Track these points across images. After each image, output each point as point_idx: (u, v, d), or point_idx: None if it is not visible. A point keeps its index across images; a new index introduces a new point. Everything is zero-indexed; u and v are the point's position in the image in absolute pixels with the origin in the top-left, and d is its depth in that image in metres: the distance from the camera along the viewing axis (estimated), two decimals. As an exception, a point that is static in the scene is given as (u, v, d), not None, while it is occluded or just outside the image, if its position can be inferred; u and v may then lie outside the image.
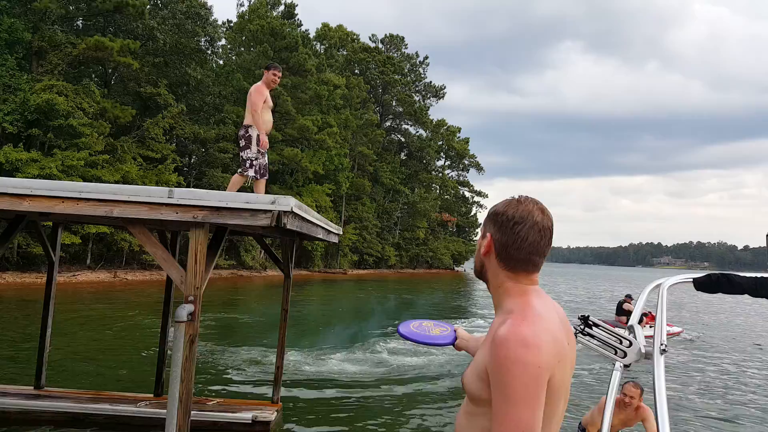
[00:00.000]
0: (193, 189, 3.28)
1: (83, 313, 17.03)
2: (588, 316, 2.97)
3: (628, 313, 15.17)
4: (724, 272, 3.06)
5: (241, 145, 4.79)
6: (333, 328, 16.31)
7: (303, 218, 3.60)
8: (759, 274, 3.00)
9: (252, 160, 4.74)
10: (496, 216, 1.43)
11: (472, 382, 1.35)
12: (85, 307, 18.78)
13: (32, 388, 6.71)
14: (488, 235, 1.44)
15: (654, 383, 2.47)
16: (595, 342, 2.96)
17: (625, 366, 3.09)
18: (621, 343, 2.92)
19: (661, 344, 2.61)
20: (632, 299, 16.04)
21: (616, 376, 3.18)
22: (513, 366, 1.24)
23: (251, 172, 4.73)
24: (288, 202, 3.13)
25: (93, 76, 34.29)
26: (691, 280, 3.04)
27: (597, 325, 2.94)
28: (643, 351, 2.84)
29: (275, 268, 43.58)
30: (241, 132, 4.85)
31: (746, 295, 3.00)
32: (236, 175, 4.78)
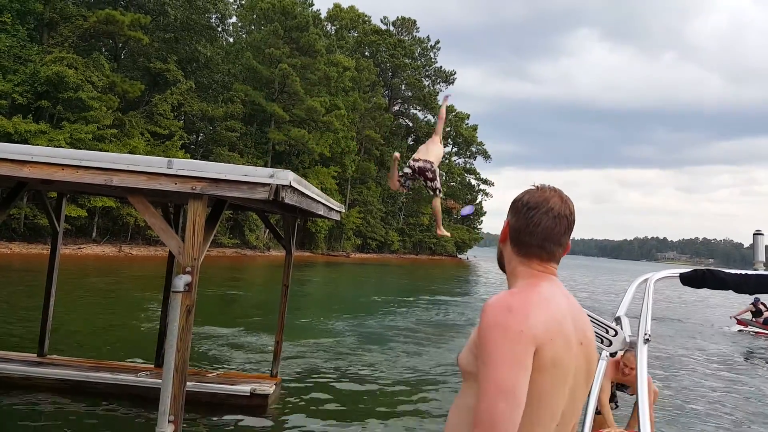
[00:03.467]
0: (192, 160, 3.31)
1: (87, 285, 17.23)
2: None
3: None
4: (710, 268, 3.15)
5: (430, 177, 6.07)
6: (333, 308, 16.44)
7: (302, 193, 3.61)
8: (743, 271, 3.04)
9: (439, 188, 6.25)
10: (514, 203, 1.45)
11: (464, 356, 1.36)
12: (89, 279, 18.99)
13: (35, 355, 6.82)
14: (506, 222, 1.45)
15: (637, 371, 2.55)
16: None
17: (611, 354, 3.15)
18: (607, 332, 2.98)
19: (645, 334, 2.69)
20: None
21: (602, 365, 3.25)
22: (494, 329, 1.25)
23: (441, 195, 6.36)
24: (286, 176, 3.14)
25: (103, 49, 34.24)
26: (678, 275, 3.10)
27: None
28: (628, 340, 2.90)
29: (279, 249, 43.82)
30: (428, 166, 6.08)
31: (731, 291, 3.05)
32: (437, 198, 6.37)
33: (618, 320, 3.04)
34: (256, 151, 43.17)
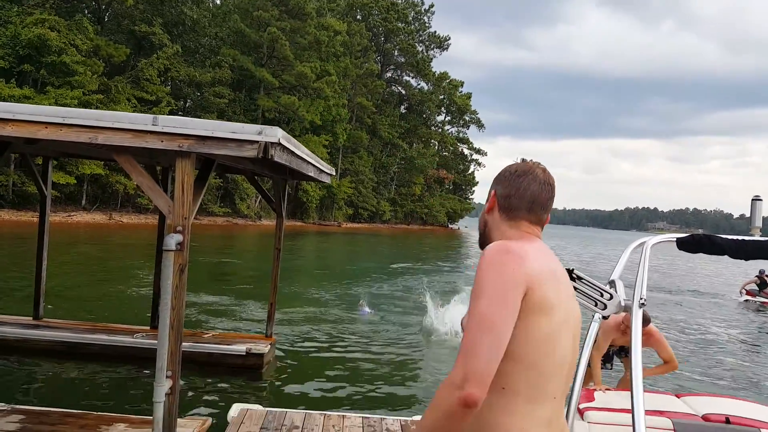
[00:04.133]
0: (178, 117, 3.27)
1: (79, 252, 17.20)
2: (572, 270, 3.07)
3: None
4: (707, 233, 3.16)
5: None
6: (325, 276, 16.56)
7: (292, 152, 3.59)
8: (740, 237, 3.08)
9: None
10: (500, 174, 1.53)
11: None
12: (80, 246, 18.94)
13: (31, 318, 6.84)
14: (492, 192, 1.52)
15: (631, 335, 2.58)
16: (577, 293, 3.07)
17: (603, 317, 3.21)
18: (602, 295, 3.03)
19: (641, 299, 2.72)
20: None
21: (594, 327, 3.31)
22: (489, 267, 1.31)
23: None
24: (275, 133, 3.12)
25: (86, 11, 33.27)
26: (674, 239, 3.13)
27: (581, 278, 3.05)
28: (622, 304, 2.95)
29: (270, 218, 43.78)
30: None
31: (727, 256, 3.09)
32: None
33: (612, 284, 3.07)
34: (245, 118, 42.62)
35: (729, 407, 3.71)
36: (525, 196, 1.47)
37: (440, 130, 75.41)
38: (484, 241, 1.53)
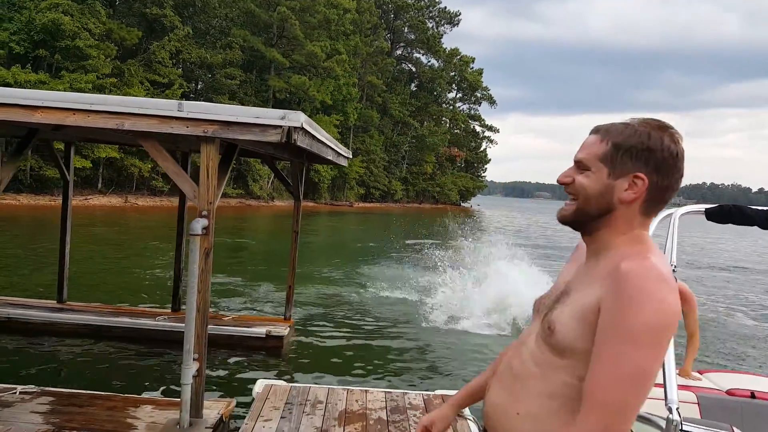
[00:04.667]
0: (202, 103, 3.29)
1: (97, 235, 17.46)
2: None
3: None
4: (736, 204, 3.12)
5: None
6: (338, 256, 16.68)
7: (313, 136, 3.61)
8: None
9: None
10: (651, 153, 1.14)
11: (570, 329, 1.12)
12: (98, 229, 19.22)
13: (55, 302, 7.00)
14: (643, 177, 1.14)
15: None
16: None
17: None
18: None
19: (672, 266, 2.74)
20: None
21: None
22: (647, 300, 1.03)
23: None
24: (298, 118, 3.14)
25: (97, -5, 33.19)
26: (703, 210, 3.11)
27: None
28: None
29: (283, 198, 43.98)
30: None
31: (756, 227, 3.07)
32: None
33: None
34: (257, 99, 42.54)
35: (753, 383, 3.73)
36: (677, 187, 1.17)
37: (451, 107, 74.75)
38: (583, 225, 1.22)
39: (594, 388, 1.05)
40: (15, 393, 4.30)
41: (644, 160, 1.14)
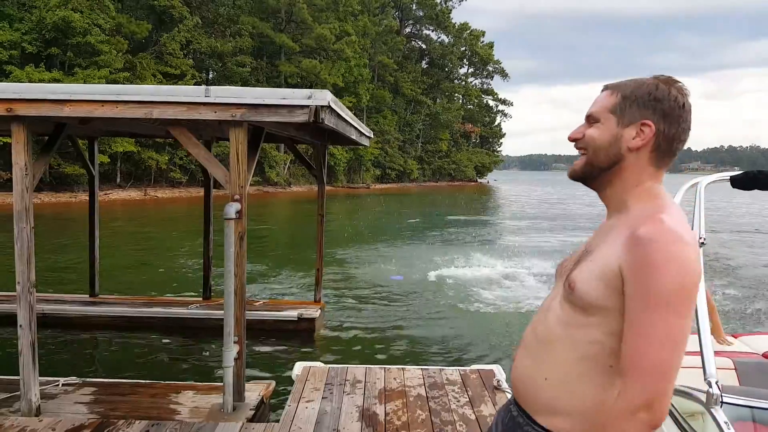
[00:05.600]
0: (228, 87, 3.26)
1: (120, 228, 17.72)
2: None
3: None
4: (761, 170, 3.09)
5: None
6: (359, 237, 16.71)
7: (339, 115, 3.56)
8: None
9: None
10: (659, 102, 1.17)
11: (591, 287, 1.12)
12: (120, 223, 19.50)
13: (87, 296, 7.12)
14: (649, 124, 1.17)
15: None
16: None
17: None
18: None
19: (701, 238, 2.68)
20: None
21: None
22: (669, 264, 1.05)
23: None
24: (325, 96, 3.09)
25: (104, -11, 33.23)
26: (728, 178, 3.06)
27: None
28: None
29: (300, 184, 44.10)
30: None
31: None
32: None
33: None
34: (269, 85, 42.42)
35: None
36: (684, 138, 1.19)
37: (464, 83, 73.84)
38: (592, 178, 1.24)
39: (633, 356, 1.07)
40: (58, 385, 4.39)
41: (652, 108, 1.18)
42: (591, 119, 1.24)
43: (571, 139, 1.27)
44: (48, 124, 3.85)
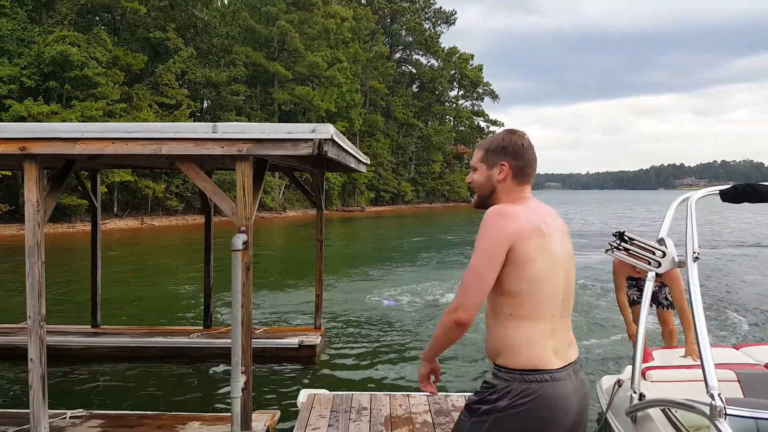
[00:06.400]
0: (234, 123, 3.39)
1: (118, 258, 17.70)
2: (624, 232, 3.11)
3: None
4: (750, 183, 3.14)
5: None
6: (355, 262, 16.75)
7: (340, 146, 3.69)
8: None
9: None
10: (505, 149, 1.87)
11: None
12: (118, 252, 19.48)
13: (90, 326, 7.13)
14: (504, 164, 1.86)
15: (690, 290, 2.54)
16: (632, 253, 3.10)
17: (657, 275, 3.24)
18: (654, 254, 3.05)
19: (694, 253, 2.70)
20: None
21: (649, 286, 3.34)
22: (484, 228, 1.75)
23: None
24: (328, 130, 3.22)
25: (101, 24, 33.77)
26: (717, 192, 3.12)
27: (632, 240, 3.08)
28: (676, 260, 2.96)
29: (295, 209, 44.19)
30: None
31: None
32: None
33: (662, 241, 3.09)
34: (263, 113, 42.88)
35: None
36: (531, 164, 1.88)
37: (454, 105, 74.73)
38: (485, 203, 1.90)
39: (461, 280, 1.77)
40: (65, 418, 4.41)
41: (503, 153, 1.87)
42: (473, 169, 1.95)
43: (467, 183, 2.00)
44: (58, 161, 3.96)
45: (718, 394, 2.13)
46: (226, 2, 45.30)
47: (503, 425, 1.74)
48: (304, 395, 4.58)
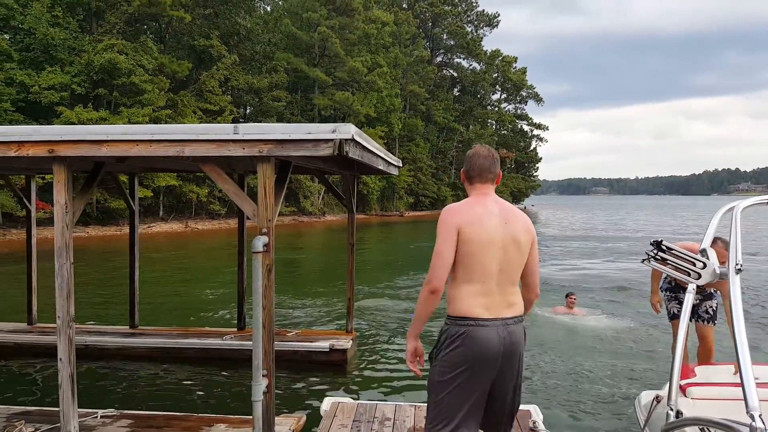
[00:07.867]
0: (255, 124, 3.36)
1: (162, 260, 18.21)
2: (661, 241, 2.93)
3: None
4: None
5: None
6: (392, 266, 16.65)
7: (363, 147, 3.60)
8: None
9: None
10: (465, 158, 2.69)
11: None
12: (162, 255, 20.04)
13: (127, 327, 7.29)
14: (463, 170, 2.63)
15: (731, 304, 2.41)
16: (669, 264, 2.91)
17: (699, 287, 3.01)
18: (695, 265, 2.85)
19: (737, 264, 2.54)
20: None
21: (689, 299, 3.12)
22: (439, 221, 2.46)
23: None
24: (348, 130, 3.14)
25: (148, 32, 35.03)
26: (767, 201, 2.91)
27: (670, 249, 2.89)
28: (717, 272, 2.76)
29: (333, 213, 44.55)
30: None
31: None
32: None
33: (704, 252, 2.90)
34: (302, 118, 43.47)
35: None
36: (475, 168, 2.59)
37: (497, 108, 73.76)
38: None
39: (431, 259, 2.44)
40: (96, 417, 4.48)
41: (465, 162, 2.69)
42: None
43: None
44: (88, 163, 4.02)
45: (759, 415, 1.98)
46: (268, 9, 46.28)
47: (449, 361, 2.45)
48: (327, 403, 4.50)
